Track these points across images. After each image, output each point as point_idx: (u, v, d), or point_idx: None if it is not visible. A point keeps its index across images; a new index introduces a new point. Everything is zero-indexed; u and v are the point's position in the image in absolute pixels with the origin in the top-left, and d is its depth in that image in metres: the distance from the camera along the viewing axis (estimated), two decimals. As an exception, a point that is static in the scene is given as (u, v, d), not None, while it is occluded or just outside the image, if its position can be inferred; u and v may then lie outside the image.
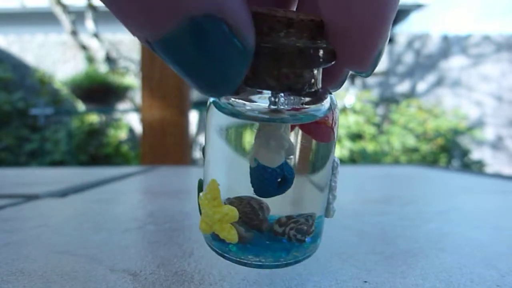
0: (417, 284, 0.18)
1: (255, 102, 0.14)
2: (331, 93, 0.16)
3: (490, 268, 0.21)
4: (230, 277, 0.19)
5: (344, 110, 3.26)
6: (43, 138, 3.30)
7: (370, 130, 3.14)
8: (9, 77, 3.48)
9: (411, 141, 3.11)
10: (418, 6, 4.39)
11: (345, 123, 3.09)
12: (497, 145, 3.76)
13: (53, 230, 0.29)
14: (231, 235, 0.15)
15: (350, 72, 0.16)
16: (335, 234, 0.28)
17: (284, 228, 0.15)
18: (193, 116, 3.29)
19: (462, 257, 0.23)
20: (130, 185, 0.63)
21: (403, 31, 4.34)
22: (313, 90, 0.14)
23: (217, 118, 0.15)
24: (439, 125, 3.17)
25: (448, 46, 3.76)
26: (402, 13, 4.41)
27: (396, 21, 4.68)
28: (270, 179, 0.15)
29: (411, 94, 3.73)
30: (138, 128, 3.46)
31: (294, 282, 0.19)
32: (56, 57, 3.77)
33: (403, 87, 3.78)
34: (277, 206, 0.16)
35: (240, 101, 0.14)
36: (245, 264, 0.16)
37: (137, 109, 3.41)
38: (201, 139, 3.47)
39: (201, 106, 2.93)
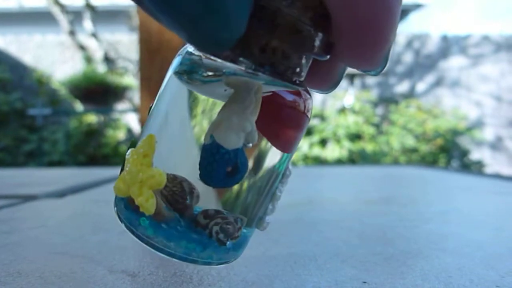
0: (416, 284, 0.18)
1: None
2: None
3: (490, 268, 0.21)
4: (228, 278, 0.19)
5: (343, 110, 3.26)
6: (41, 139, 3.29)
7: (369, 130, 3.14)
8: (7, 77, 3.48)
9: (410, 142, 3.11)
10: (418, 6, 4.40)
11: (344, 123, 3.09)
12: (496, 145, 3.76)
13: (51, 231, 0.29)
14: (149, 203, 0.13)
15: (346, 72, 0.15)
16: (334, 235, 0.28)
17: (209, 221, 0.14)
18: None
19: (462, 258, 0.23)
20: (129, 185, 0.62)
21: (403, 31, 4.35)
22: (294, 79, 0.13)
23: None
24: (438, 125, 3.17)
25: (448, 46, 3.77)
26: (402, 13, 4.40)
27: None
28: (220, 162, 0.13)
29: (410, 94, 3.73)
30: (136, 128, 3.46)
31: (293, 283, 0.18)
32: (54, 57, 3.76)
33: (402, 87, 3.78)
34: (208, 199, 0.14)
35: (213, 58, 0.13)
36: (152, 246, 0.14)
37: (135, 110, 3.41)
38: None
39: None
